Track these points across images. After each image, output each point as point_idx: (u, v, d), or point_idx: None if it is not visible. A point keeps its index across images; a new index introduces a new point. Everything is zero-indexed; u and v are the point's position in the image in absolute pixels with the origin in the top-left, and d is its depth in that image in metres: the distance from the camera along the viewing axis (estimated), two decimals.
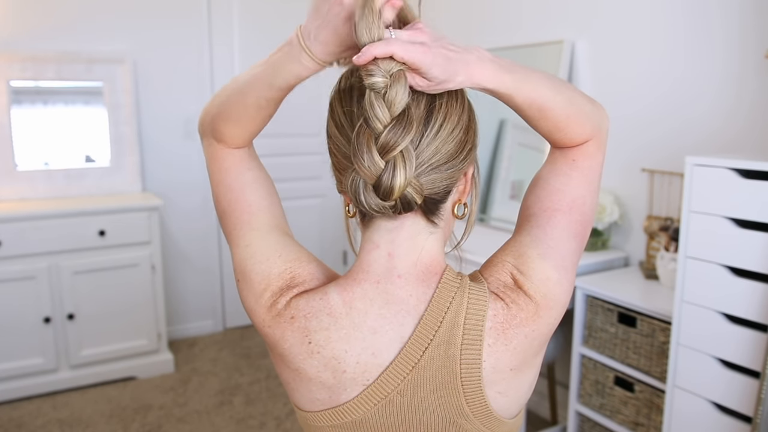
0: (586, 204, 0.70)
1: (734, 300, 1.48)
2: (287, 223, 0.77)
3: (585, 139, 0.70)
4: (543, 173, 0.73)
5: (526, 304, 0.64)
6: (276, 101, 0.69)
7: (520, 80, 0.63)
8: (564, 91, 0.67)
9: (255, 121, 0.71)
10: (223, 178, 0.75)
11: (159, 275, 2.96)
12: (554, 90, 0.65)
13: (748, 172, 1.45)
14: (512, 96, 0.63)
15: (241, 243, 0.72)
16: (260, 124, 0.72)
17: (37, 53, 2.89)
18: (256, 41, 3.46)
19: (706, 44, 1.94)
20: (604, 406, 1.96)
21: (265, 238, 0.71)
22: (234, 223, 0.74)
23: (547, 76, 0.66)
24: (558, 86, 0.66)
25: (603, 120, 0.72)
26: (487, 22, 2.80)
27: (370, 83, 0.57)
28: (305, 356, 0.65)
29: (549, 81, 0.66)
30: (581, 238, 0.70)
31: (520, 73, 0.63)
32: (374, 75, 0.57)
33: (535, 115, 0.66)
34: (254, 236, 0.72)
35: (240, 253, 0.71)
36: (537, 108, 0.65)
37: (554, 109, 0.66)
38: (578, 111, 0.68)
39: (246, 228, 0.72)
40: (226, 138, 0.73)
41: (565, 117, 0.67)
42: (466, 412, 0.65)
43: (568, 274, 0.67)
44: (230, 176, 0.74)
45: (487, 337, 0.63)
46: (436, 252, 0.67)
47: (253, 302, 0.69)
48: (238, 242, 0.72)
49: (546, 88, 0.65)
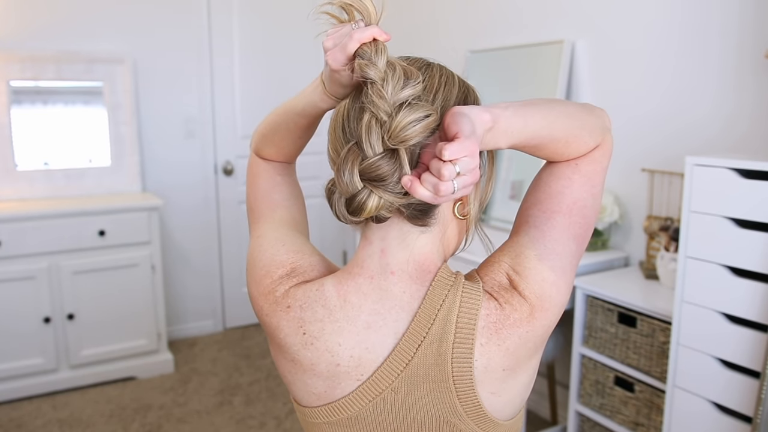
0: (588, 207, 0.70)
1: (734, 300, 1.48)
2: (307, 229, 0.82)
3: (588, 151, 0.70)
4: (543, 175, 0.72)
5: (521, 304, 0.64)
6: (303, 128, 0.76)
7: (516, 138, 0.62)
8: (561, 118, 0.66)
9: (286, 141, 0.79)
10: (254, 180, 0.84)
11: (159, 275, 2.96)
12: (550, 126, 0.65)
13: (748, 172, 1.45)
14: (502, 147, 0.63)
15: (255, 234, 0.78)
16: (291, 146, 0.80)
17: (36, 53, 2.89)
18: (256, 41, 3.46)
19: (706, 44, 1.94)
20: (604, 406, 1.96)
21: (276, 230, 0.76)
22: (256, 216, 0.81)
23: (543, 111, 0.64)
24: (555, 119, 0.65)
25: (606, 126, 0.72)
26: (487, 22, 2.80)
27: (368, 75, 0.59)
28: (300, 347, 0.66)
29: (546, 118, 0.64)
30: (581, 240, 0.69)
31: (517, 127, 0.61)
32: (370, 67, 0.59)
33: (531, 150, 0.67)
34: (267, 228, 0.77)
35: (252, 243, 0.77)
36: (532, 147, 0.66)
37: (551, 142, 0.66)
38: (578, 133, 0.67)
39: (262, 221, 0.79)
40: (263, 153, 0.83)
41: (563, 144, 0.67)
42: (459, 412, 0.65)
43: (565, 276, 0.67)
44: (261, 179, 0.83)
45: (480, 336, 0.63)
46: (429, 251, 0.67)
47: (253, 289, 0.72)
48: (253, 234, 0.78)
49: (543, 129, 0.64)
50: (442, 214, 0.67)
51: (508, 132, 0.61)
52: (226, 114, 3.45)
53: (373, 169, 0.58)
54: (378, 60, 0.58)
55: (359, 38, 0.59)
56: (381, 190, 0.59)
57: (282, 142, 0.79)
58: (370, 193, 0.59)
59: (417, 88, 0.59)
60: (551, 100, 0.68)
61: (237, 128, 3.48)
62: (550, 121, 0.65)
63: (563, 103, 0.68)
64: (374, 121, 0.58)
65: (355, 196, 0.59)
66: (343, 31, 0.61)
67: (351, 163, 0.59)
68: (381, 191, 0.59)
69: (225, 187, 3.49)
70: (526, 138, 0.63)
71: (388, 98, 0.57)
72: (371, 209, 0.59)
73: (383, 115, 0.58)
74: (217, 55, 3.37)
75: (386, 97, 0.57)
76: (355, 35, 0.59)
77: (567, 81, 2.37)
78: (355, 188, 0.59)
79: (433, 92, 0.64)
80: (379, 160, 0.58)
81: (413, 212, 0.64)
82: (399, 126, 0.57)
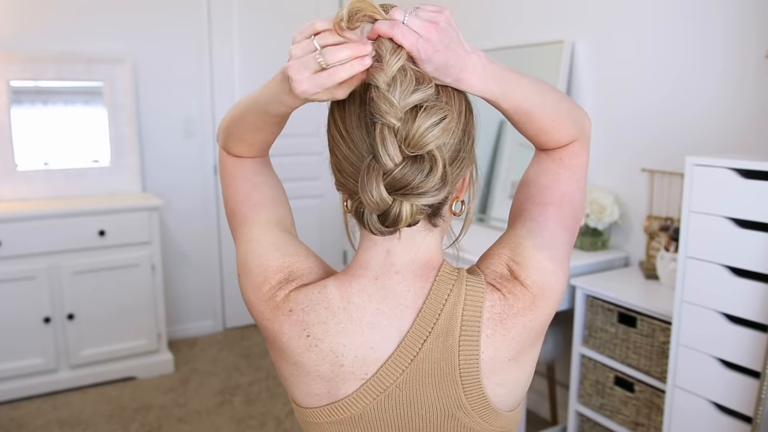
0: (576, 199, 0.73)
1: (734, 300, 1.48)
2: (293, 226, 0.79)
3: (569, 141, 0.73)
4: (531, 173, 0.75)
5: (523, 294, 0.65)
6: (273, 124, 0.72)
7: (509, 89, 0.63)
8: (550, 97, 0.69)
9: (256, 138, 0.75)
10: (231, 182, 0.79)
11: (159, 275, 2.96)
12: (541, 96, 0.67)
13: (748, 172, 1.45)
14: (498, 102, 0.64)
15: (244, 239, 0.74)
16: (262, 141, 0.76)
17: (37, 53, 2.89)
18: (256, 41, 3.46)
19: (706, 44, 1.94)
20: (604, 406, 1.96)
21: (266, 234, 0.73)
22: (239, 221, 0.77)
23: (535, 82, 0.67)
24: (545, 92, 0.68)
25: (586, 123, 0.76)
26: (487, 22, 2.80)
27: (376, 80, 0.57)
28: (303, 349, 0.66)
29: (537, 87, 0.67)
30: (572, 232, 0.72)
31: (510, 81, 0.63)
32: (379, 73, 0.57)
33: (521, 119, 0.68)
34: (256, 232, 0.74)
35: (242, 248, 0.74)
36: (523, 113, 0.67)
37: (540, 114, 0.68)
38: (563, 115, 0.70)
39: (249, 225, 0.75)
40: (234, 151, 0.78)
41: (550, 121, 0.69)
42: (465, 405, 0.66)
43: (562, 265, 0.69)
44: (238, 180, 0.78)
45: (485, 328, 0.64)
46: (434, 248, 0.68)
47: (252, 295, 0.70)
48: (241, 239, 0.75)
49: (534, 94, 0.66)
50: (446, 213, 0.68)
51: (502, 80, 0.62)
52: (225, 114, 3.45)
53: (399, 181, 0.57)
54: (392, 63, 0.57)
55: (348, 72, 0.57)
56: (412, 197, 0.58)
57: (252, 139, 0.75)
58: (402, 203, 0.58)
59: (428, 92, 0.58)
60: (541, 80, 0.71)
61: None
62: (542, 92, 0.67)
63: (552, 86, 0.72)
64: (387, 129, 0.57)
65: (389, 211, 0.58)
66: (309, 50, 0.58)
67: (375, 179, 0.57)
68: (413, 198, 0.58)
69: None
70: (519, 98, 0.65)
71: (397, 103, 0.56)
72: (407, 218, 0.58)
73: (395, 121, 0.56)
74: (217, 55, 3.38)
75: (395, 102, 0.56)
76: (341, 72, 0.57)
77: (567, 81, 2.37)
78: (386, 204, 0.58)
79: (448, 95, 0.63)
80: (402, 169, 0.57)
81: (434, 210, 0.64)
82: (417, 132, 0.56)
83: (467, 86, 0.61)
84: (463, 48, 0.59)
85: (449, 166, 0.61)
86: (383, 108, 0.56)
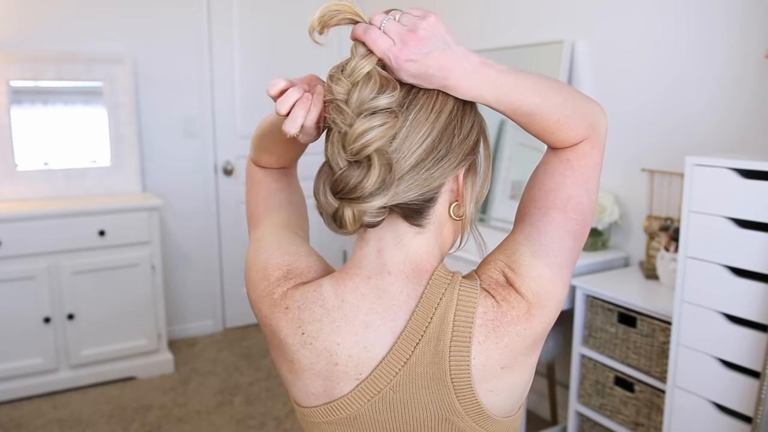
0: (583, 203, 0.69)
1: (734, 300, 1.48)
2: (305, 230, 0.82)
3: (578, 141, 0.68)
4: (538, 173, 0.72)
5: (518, 301, 0.64)
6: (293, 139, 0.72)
7: (503, 93, 0.61)
8: (553, 96, 0.64)
9: (280, 150, 0.79)
10: (253, 187, 0.84)
11: (159, 275, 2.96)
12: (542, 96, 0.63)
13: (748, 172, 1.45)
14: (493, 106, 0.63)
15: (253, 239, 0.78)
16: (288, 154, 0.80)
17: (37, 53, 2.89)
18: (256, 41, 3.46)
19: (706, 45, 1.94)
20: (604, 406, 1.96)
21: (272, 234, 0.77)
22: (255, 222, 0.81)
23: (536, 81, 0.64)
24: (547, 91, 0.64)
25: (599, 119, 0.70)
26: (487, 22, 2.80)
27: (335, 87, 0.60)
28: (299, 347, 0.67)
29: (537, 87, 0.63)
30: (578, 237, 0.68)
31: (506, 84, 0.61)
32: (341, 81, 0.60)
33: (521, 120, 0.65)
34: (265, 232, 0.78)
35: (251, 247, 0.77)
36: (522, 114, 0.64)
37: (541, 115, 0.64)
38: (568, 114, 0.66)
39: (261, 225, 0.79)
40: (261, 162, 0.83)
41: (554, 121, 0.65)
42: (458, 409, 0.65)
43: (562, 272, 0.66)
44: (260, 186, 0.83)
45: (477, 334, 0.63)
46: (425, 251, 0.67)
47: (252, 292, 0.73)
48: (252, 238, 0.79)
49: (534, 95, 0.63)
50: (438, 215, 0.67)
51: (497, 84, 0.60)
52: (225, 114, 3.45)
53: (340, 184, 0.59)
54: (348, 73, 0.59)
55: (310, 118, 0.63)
56: (353, 201, 0.59)
57: (278, 151, 0.79)
58: (345, 208, 0.59)
59: (390, 99, 0.58)
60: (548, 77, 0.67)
61: (237, 128, 3.48)
62: (543, 92, 0.63)
63: (560, 82, 0.67)
64: (336, 136, 0.60)
65: (335, 214, 0.60)
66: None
67: (323, 183, 0.61)
68: (354, 204, 0.59)
69: (225, 186, 3.49)
70: (516, 101, 0.62)
71: (349, 111, 0.58)
72: (351, 223, 0.59)
73: (345, 127, 0.58)
74: (217, 55, 3.37)
75: (345, 110, 0.58)
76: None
77: (567, 81, 2.37)
78: (331, 207, 0.60)
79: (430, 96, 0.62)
80: (344, 173, 0.59)
81: (407, 212, 0.64)
82: (354, 135, 0.57)
83: (455, 93, 0.61)
84: (451, 54, 0.59)
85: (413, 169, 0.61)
86: (333, 115, 0.59)
